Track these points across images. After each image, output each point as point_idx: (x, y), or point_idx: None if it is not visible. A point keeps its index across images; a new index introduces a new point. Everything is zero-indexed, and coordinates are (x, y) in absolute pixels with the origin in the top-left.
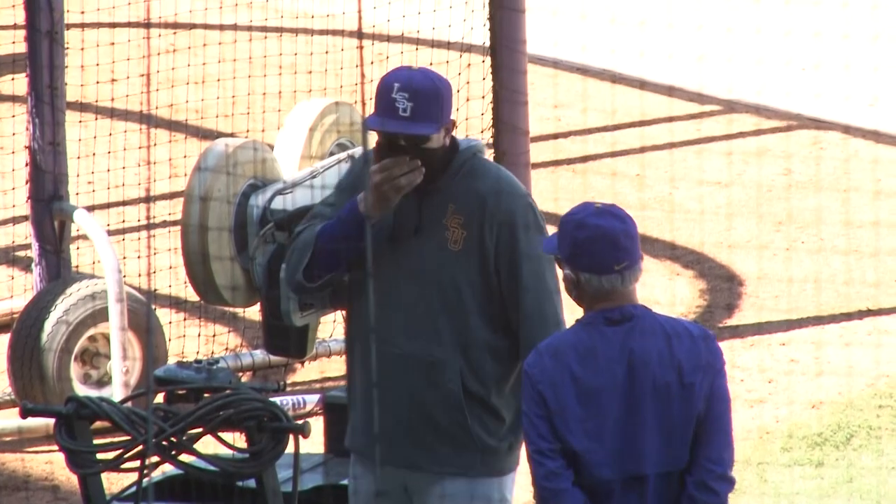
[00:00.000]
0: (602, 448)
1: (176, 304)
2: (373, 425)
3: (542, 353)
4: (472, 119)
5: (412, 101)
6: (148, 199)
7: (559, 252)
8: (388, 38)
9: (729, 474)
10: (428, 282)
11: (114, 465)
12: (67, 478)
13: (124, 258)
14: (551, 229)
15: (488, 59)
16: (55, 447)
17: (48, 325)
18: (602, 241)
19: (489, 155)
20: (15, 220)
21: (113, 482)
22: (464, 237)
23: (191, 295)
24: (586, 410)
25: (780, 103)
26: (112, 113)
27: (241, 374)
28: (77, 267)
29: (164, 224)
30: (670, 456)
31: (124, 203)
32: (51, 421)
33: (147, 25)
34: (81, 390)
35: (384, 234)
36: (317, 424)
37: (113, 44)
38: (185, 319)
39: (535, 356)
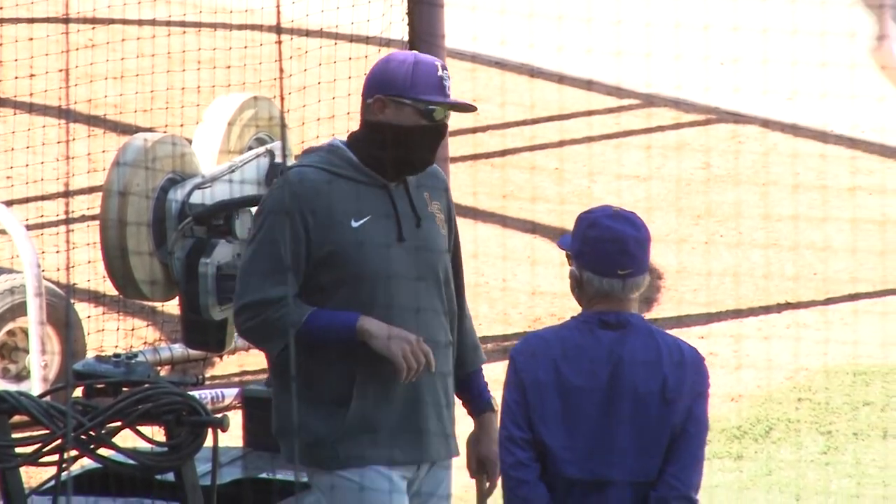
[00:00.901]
0: (573, 446)
1: (95, 298)
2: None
3: (530, 342)
4: None
5: (449, 79)
6: (67, 194)
7: (570, 248)
8: (307, 33)
9: (692, 496)
10: (437, 269)
11: (32, 459)
12: None
13: (43, 253)
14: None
15: None
16: None
17: None
18: (610, 244)
19: None
20: None
21: (32, 476)
22: (444, 220)
23: (109, 289)
24: (564, 406)
25: (698, 97)
26: (31, 108)
27: (159, 368)
28: None
29: (83, 219)
30: (640, 466)
31: (43, 198)
32: None
33: (66, 21)
34: (0, 384)
35: (393, 235)
36: (235, 418)
37: (31, 39)
38: (103, 314)
39: (524, 344)
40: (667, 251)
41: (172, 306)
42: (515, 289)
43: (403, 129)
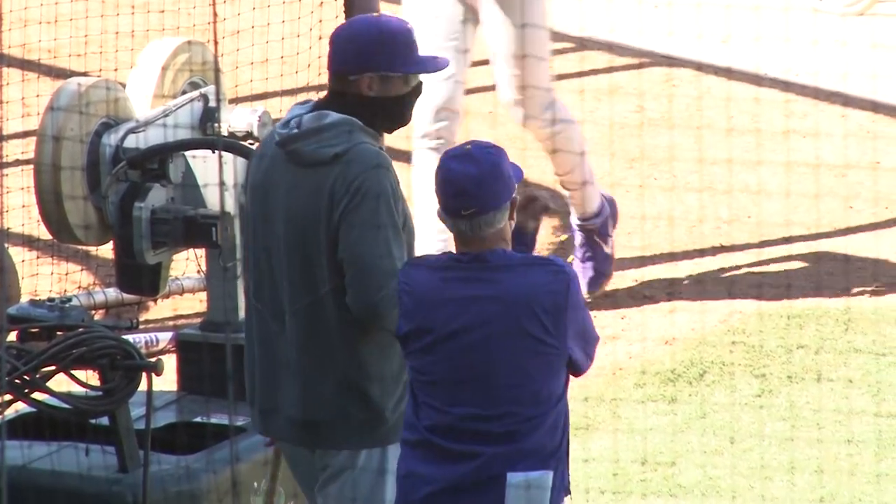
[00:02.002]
0: (437, 388)
1: (29, 242)
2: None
3: (408, 271)
4: (324, 58)
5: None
6: (0, 139)
7: None
8: None
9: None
10: None
11: None
12: None
13: None
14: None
15: None
16: None
17: None
18: (449, 186)
19: None
20: None
21: None
22: None
23: (44, 234)
24: (426, 342)
25: (632, 41)
26: None
27: (94, 312)
28: None
29: (17, 163)
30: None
31: None
32: None
33: None
34: None
35: None
36: (170, 362)
37: None
38: (37, 258)
39: (405, 269)
40: None
41: (107, 250)
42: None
43: (392, 99)
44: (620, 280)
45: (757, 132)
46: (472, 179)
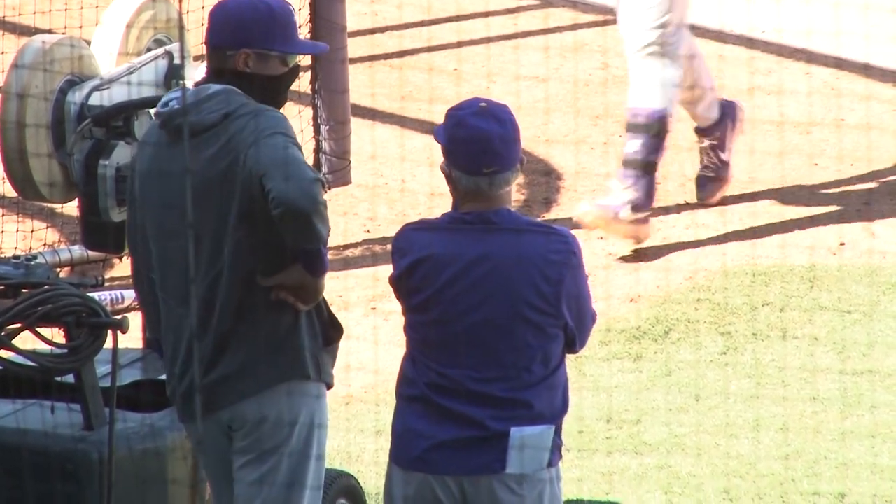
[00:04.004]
0: (435, 349)
1: None
2: None
3: (405, 238)
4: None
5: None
6: None
7: (441, 143)
8: None
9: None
10: None
11: None
12: None
13: None
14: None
15: None
16: None
17: None
18: (475, 143)
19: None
20: None
21: None
22: None
23: (9, 191)
24: (426, 306)
25: None
26: None
27: (59, 269)
28: None
29: None
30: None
31: None
32: None
33: None
34: None
35: None
36: (135, 320)
37: None
38: (2, 215)
39: (399, 241)
40: (565, 152)
41: (72, 208)
42: (414, 190)
43: (268, 78)
44: (585, 237)
45: (721, 89)
46: (499, 137)
